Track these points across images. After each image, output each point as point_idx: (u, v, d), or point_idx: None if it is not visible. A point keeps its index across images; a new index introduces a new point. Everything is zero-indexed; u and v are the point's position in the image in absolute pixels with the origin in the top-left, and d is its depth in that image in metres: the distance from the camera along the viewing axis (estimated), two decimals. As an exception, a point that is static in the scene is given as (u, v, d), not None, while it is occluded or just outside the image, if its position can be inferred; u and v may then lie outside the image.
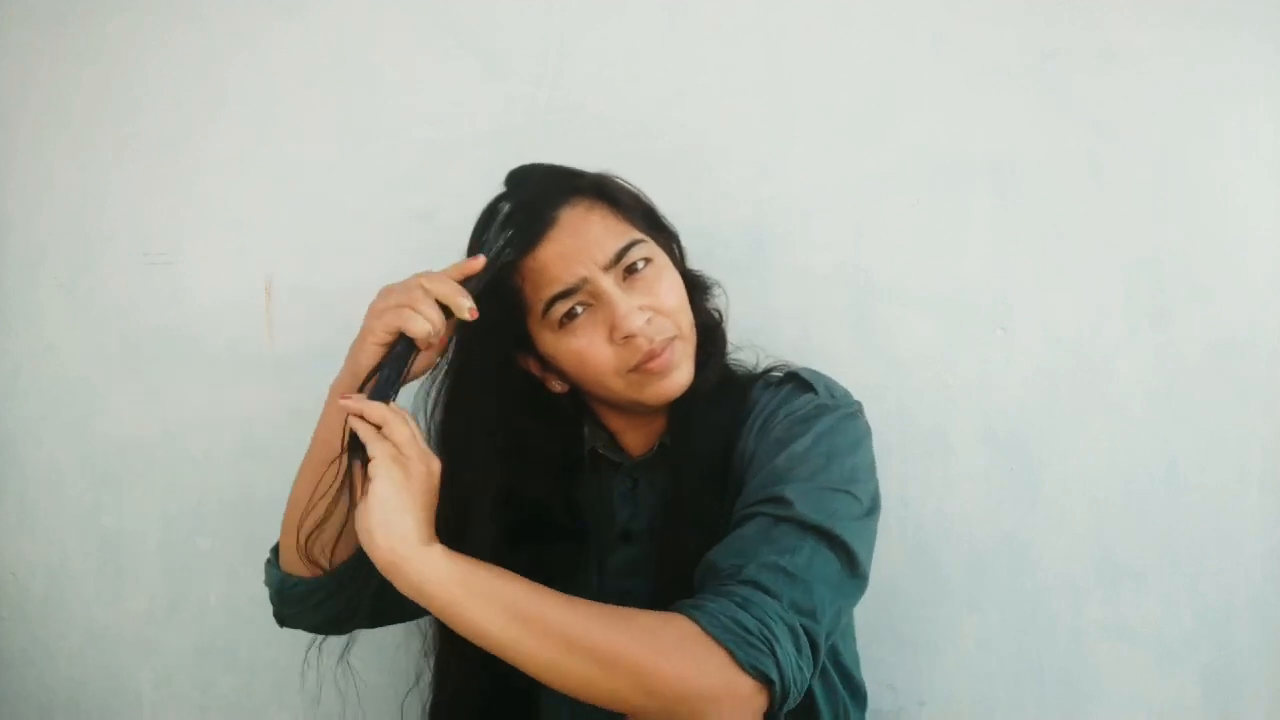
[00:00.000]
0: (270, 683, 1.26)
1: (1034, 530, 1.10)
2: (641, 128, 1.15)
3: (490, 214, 0.87)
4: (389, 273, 1.21)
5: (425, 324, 0.78)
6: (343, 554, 0.90)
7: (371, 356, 0.81)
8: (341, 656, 0.98)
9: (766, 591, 0.72)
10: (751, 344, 0.97)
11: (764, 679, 0.69)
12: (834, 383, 0.89)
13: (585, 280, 0.82)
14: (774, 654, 0.69)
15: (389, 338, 0.80)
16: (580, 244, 0.83)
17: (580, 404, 0.94)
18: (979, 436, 1.11)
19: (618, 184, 0.90)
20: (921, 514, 1.09)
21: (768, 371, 0.94)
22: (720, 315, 0.95)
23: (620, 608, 0.72)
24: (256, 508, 1.25)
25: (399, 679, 1.09)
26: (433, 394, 0.89)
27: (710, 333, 0.92)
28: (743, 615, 0.70)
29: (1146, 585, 1.08)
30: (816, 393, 0.86)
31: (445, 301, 0.79)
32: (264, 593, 0.96)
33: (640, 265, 0.85)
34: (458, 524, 0.86)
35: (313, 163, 1.24)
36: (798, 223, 1.14)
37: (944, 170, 1.11)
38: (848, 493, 0.79)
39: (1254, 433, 1.07)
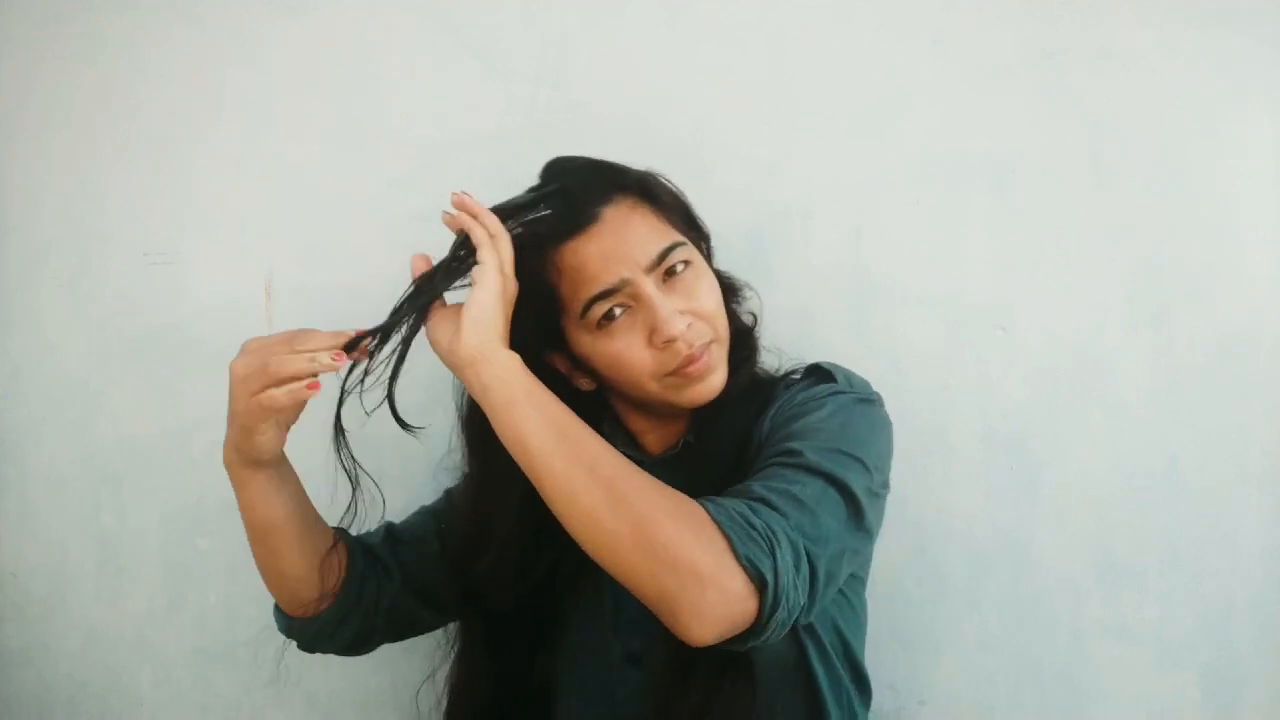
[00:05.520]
0: (270, 683, 1.26)
1: (1034, 530, 1.10)
2: (641, 127, 1.15)
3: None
4: (389, 273, 1.21)
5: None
6: (330, 580, 0.91)
7: (242, 404, 0.81)
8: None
9: (774, 509, 0.72)
10: (776, 347, 0.97)
11: (758, 578, 0.67)
12: (855, 374, 0.89)
13: (626, 282, 0.82)
14: (773, 555, 0.68)
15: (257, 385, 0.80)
16: (623, 244, 0.82)
17: (601, 402, 0.93)
18: (979, 436, 1.11)
19: (660, 183, 0.90)
20: (921, 514, 1.09)
21: (790, 373, 0.95)
22: (755, 318, 0.96)
23: (649, 475, 0.73)
24: (256, 508, 1.25)
25: (399, 679, 1.09)
26: (465, 394, 0.89)
27: (743, 336, 0.92)
28: (750, 515, 0.70)
29: (1146, 585, 1.08)
30: (835, 381, 0.87)
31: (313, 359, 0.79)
32: (264, 592, 0.96)
33: (680, 268, 0.84)
34: (483, 529, 0.87)
35: (313, 163, 1.24)
36: (798, 223, 1.14)
37: (944, 170, 1.11)
38: (859, 460, 0.78)
39: (1254, 433, 1.07)
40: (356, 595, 0.93)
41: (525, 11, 1.19)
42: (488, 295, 0.77)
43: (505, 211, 0.83)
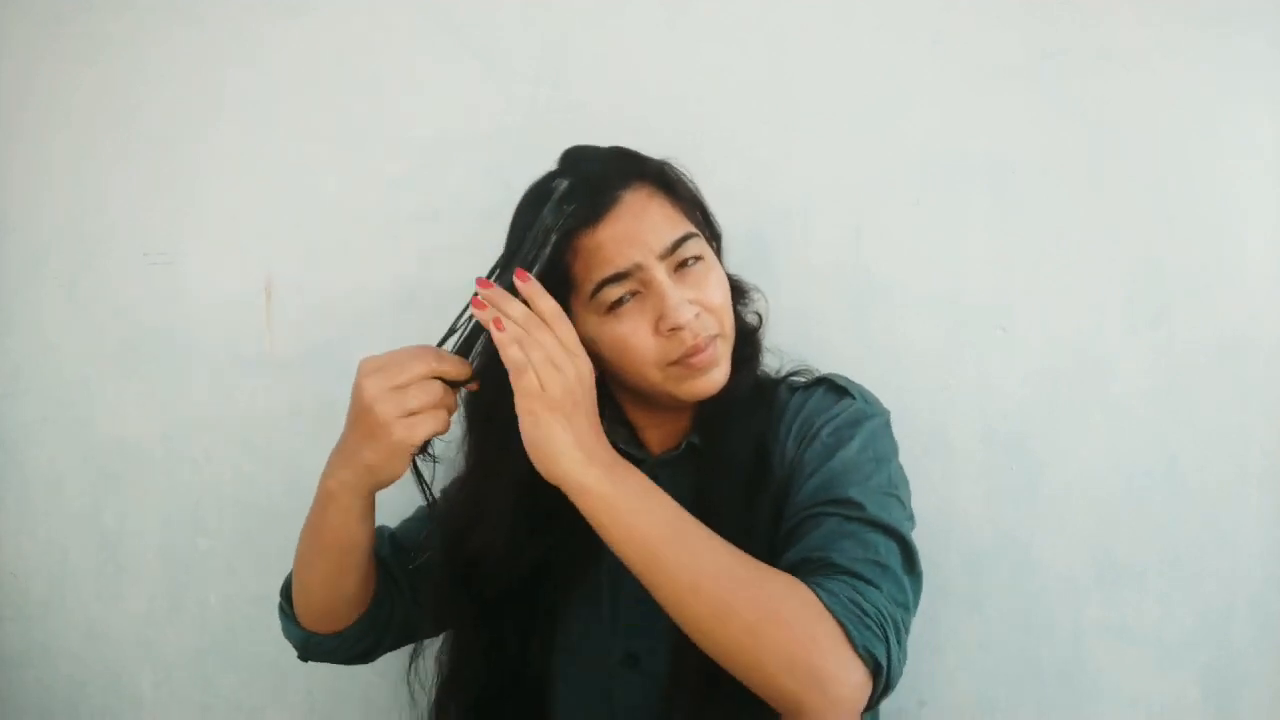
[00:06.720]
0: (270, 683, 1.26)
1: (1034, 530, 1.10)
2: (642, 127, 1.14)
3: (543, 190, 0.85)
4: (389, 273, 1.22)
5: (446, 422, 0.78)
6: (362, 606, 0.91)
7: (402, 468, 0.78)
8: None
9: (870, 583, 0.73)
10: (776, 348, 0.97)
11: (873, 664, 0.69)
12: (865, 389, 0.90)
13: (639, 266, 0.81)
14: (886, 640, 0.70)
15: (417, 448, 0.78)
16: (639, 229, 0.82)
17: (603, 393, 0.92)
18: (979, 436, 1.11)
19: (678, 174, 0.90)
20: (921, 514, 1.09)
21: (791, 375, 0.95)
22: (760, 319, 0.96)
23: (756, 562, 0.73)
24: (256, 508, 1.25)
25: (398, 679, 1.09)
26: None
27: (747, 336, 0.92)
28: (860, 598, 0.71)
29: (1146, 585, 1.08)
30: (853, 397, 0.87)
31: (450, 379, 0.78)
32: (264, 592, 0.96)
33: (692, 261, 0.84)
34: (477, 506, 0.87)
35: (313, 163, 1.24)
36: (798, 223, 1.14)
37: (944, 170, 1.11)
38: (896, 497, 0.82)
39: (1254, 433, 1.07)
40: (375, 613, 0.93)
41: (525, 11, 1.19)
42: (532, 418, 0.74)
43: (534, 264, 0.80)
